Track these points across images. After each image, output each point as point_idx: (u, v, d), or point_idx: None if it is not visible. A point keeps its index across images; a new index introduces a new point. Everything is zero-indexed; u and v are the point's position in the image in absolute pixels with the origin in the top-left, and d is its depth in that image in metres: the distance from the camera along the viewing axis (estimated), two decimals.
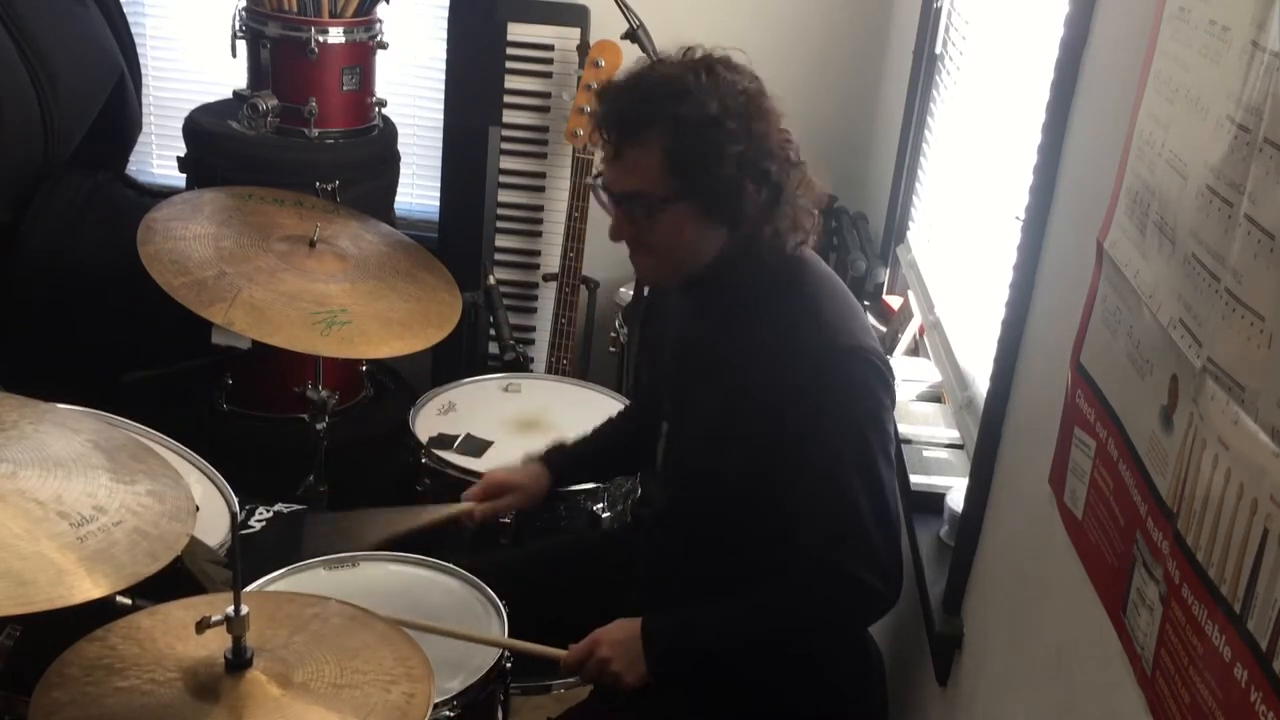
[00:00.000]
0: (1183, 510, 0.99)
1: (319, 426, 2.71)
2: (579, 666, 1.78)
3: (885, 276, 2.88)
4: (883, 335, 2.66)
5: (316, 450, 2.73)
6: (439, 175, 3.48)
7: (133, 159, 3.54)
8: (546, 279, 3.42)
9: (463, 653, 1.77)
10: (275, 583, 1.89)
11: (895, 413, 2.20)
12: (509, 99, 3.35)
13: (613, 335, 3.21)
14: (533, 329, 3.51)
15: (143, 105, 3.49)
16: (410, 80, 3.54)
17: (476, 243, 3.38)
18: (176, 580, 1.66)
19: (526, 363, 3.14)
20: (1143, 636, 1.05)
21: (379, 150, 3.21)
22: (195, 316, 2.26)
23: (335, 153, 3.06)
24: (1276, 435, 0.84)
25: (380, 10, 3.11)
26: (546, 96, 3.37)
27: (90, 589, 1.33)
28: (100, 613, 1.50)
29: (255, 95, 2.99)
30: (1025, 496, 1.52)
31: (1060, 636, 1.35)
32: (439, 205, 3.50)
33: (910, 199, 2.83)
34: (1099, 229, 1.29)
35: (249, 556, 1.74)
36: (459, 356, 3.02)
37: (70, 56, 3.04)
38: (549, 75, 3.35)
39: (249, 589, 1.79)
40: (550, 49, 3.33)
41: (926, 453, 2.12)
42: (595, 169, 1.87)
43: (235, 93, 3.09)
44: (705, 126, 1.68)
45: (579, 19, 3.28)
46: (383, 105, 3.21)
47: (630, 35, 2.98)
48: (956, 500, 1.83)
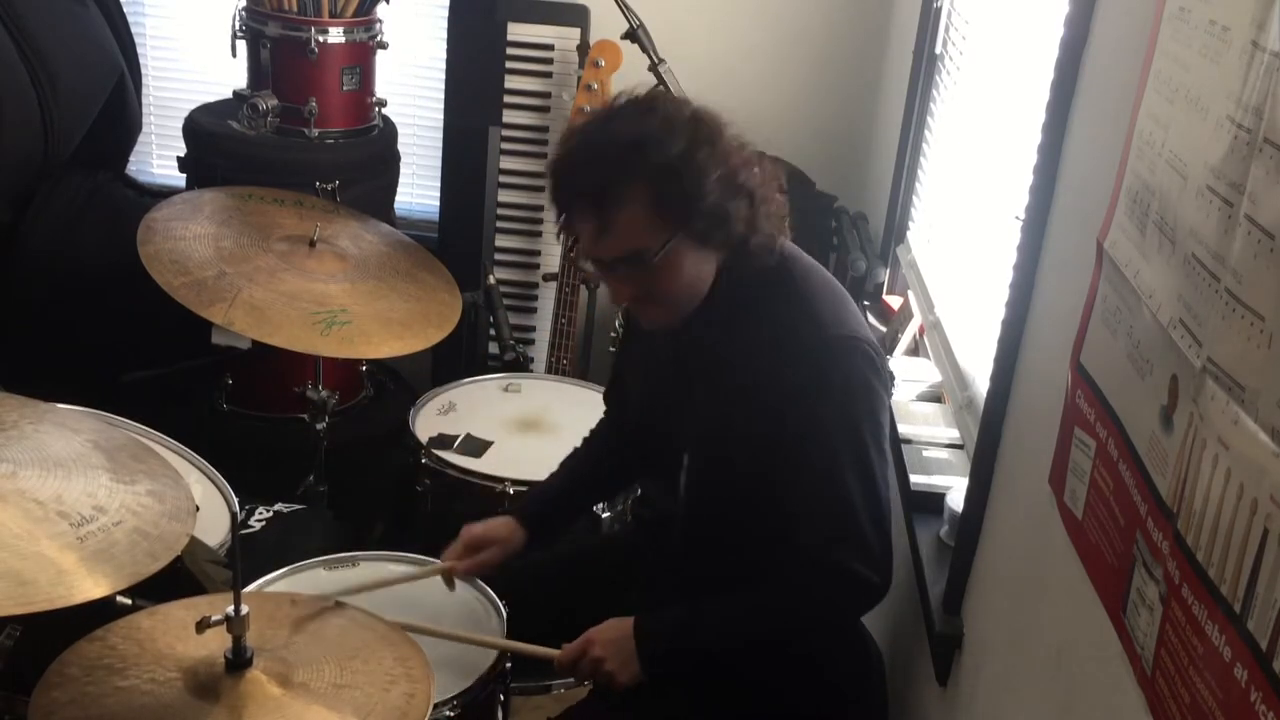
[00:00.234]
0: (1183, 510, 0.99)
1: (319, 426, 2.71)
2: (573, 666, 1.77)
3: (885, 276, 2.88)
4: (883, 335, 2.66)
5: (316, 450, 2.73)
6: (439, 175, 3.48)
7: (133, 159, 3.54)
8: (546, 279, 3.41)
9: (463, 653, 1.77)
10: (275, 583, 1.89)
11: (895, 412, 2.21)
12: (509, 99, 3.35)
13: (613, 335, 3.20)
14: (533, 329, 3.51)
15: (143, 105, 3.49)
16: (410, 80, 3.54)
17: (476, 243, 3.38)
18: (176, 580, 1.66)
19: (526, 363, 3.14)
20: (1143, 636, 1.05)
21: (379, 150, 3.21)
22: (195, 316, 2.26)
23: (335, 153, 3.06)
24: (1276, 435, 0.84)
25: (380, 10, 3.11)
26: (546, 96, 3.37)
27: (90, 589, 1.33)
28: (100, 613, 1.50)
29: (255, 95, 2.99)
30: (1025, 496, 1.52)
31: (1060, 636, 1.35)
32: (439, 205, 3.50)
33: (910, 199, 2.83)
34: (1099, 229, 1.29)
35: (249, 556, 1.74)
36: (459, 356, 3.02)
37: (70, 56, 3.04)
38: (549, 75, 3.35)
39: (249, 589, 1.79)
40: (550, 49, 3.33)
41: (926, 453, 2.12)
42: (574, 244, 1.81)
43: (235, 93, 3.09)
44: (679, 164, 1.65)
45: (579, 19, 3.29)
46: (383, 105, 3.21)
47: (630, 35, 2.98)
48: (956, 500, 1.83)
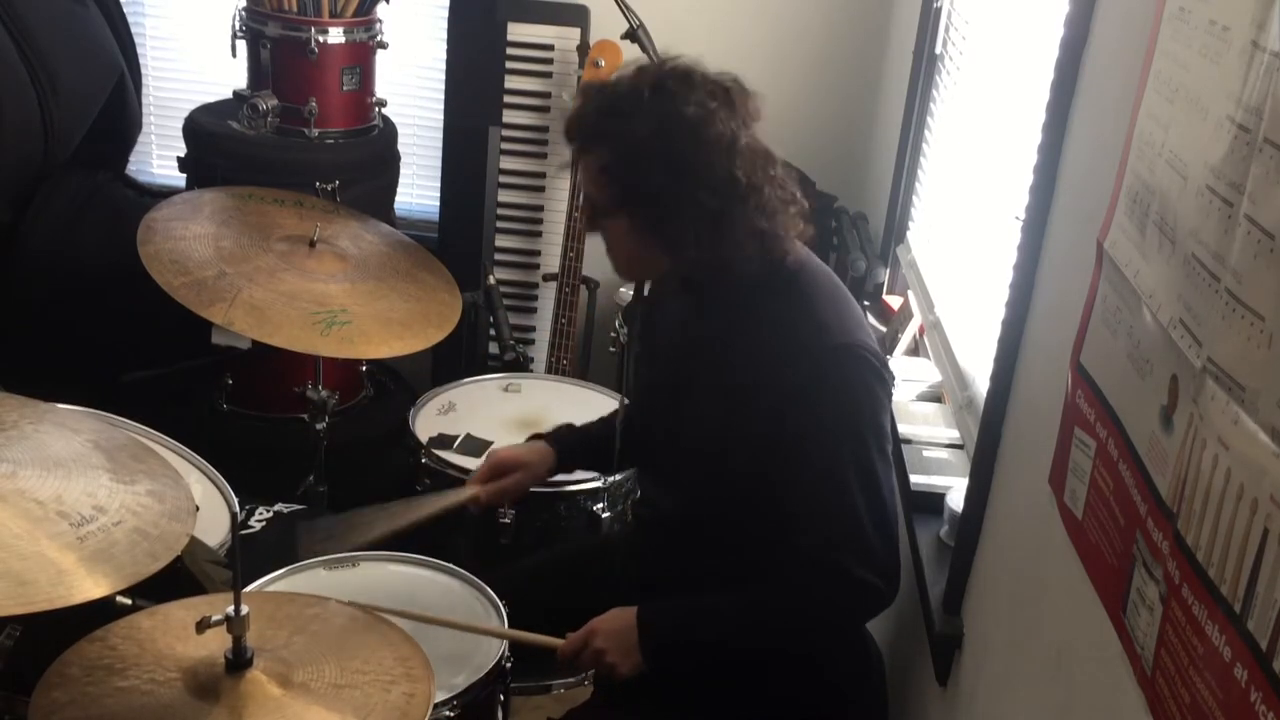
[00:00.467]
0: (1183, 510, 0.99)
1: (319, 426, 2.71)
2: (575, 656, 1.77)
3: (885, 276, 2.88)
4: (883, 335, 2.66)
5: (316, 450, 2.73)
6: (439, 175, 3.48)
7: (133, 159, 3.54)
8: (546, 279, 3.42)
9: (463, 652, 1.78)
10: (275, 583, 1.89)
11: (895, 412, 2.21)
12: (509, 99, 3.35)
13: (613, 335, 3.21)
14: (533, 329, 3.51)
15: (143, 105, 3.49)
16: (410, 80, 3.54)
17: (476, 243, 3.38)
18: (176, 580, 1.66)
19: (526, 363, 3.14)
20: (1143, 636, 1.05)
21: (379, 150, 3.21)
22: (195, 316, 2.26)
23: (335, 153, 3.06)
24: (1276, 435, 0.84)
25: (380, 10, 3.11)
26: (546, 96, 3.37)
27: (90, 589, 1.33)
28: (100, 613, 1.50)
29: (255, 95, 2.98)
30: (1025, 496, 1.52)
31: (1060, 636, 1.35)
32: (439, 205, 3.50)
33: (910, 199, 2.83)
34: (1099, 229, 1.29)
35: (249, 556, 1.74)
36: (459, 356, 3.02)
37: (70, 56, 3.04)
38: (549, 75, 3.35)
39: (249, 589, 1.79)
40: (550, 49, 3.33)
41: (926, 453, 2.12)
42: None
43: (235, 93, 3.09)
44: (634, 151, 1.72)
45: (579, 19, 3.29)
46: (383, 105, 3.20)
47: (630, 35, 2.98)
48: (956, 500, 1.83)
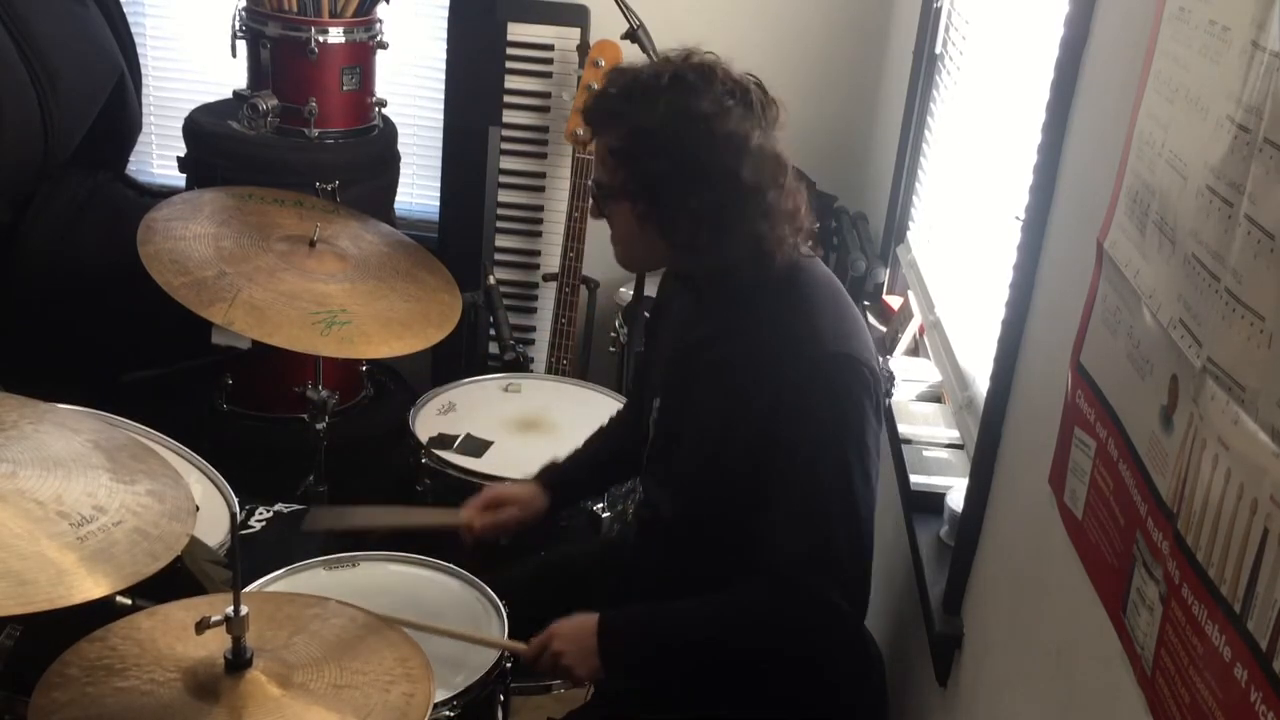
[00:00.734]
0: (1183, 510, 0.99)
1: (319, 426, 2.71)
2: (535, 658, 1.77)
3: (885, 276, 2.88)
4: (883, 335, 2.66)
5: (316, 450, 2.73)
6: (439, 175, 3.48)
7: (133, 159, 3.54)
8: (546, 279, 3.42)
9: (462, 652, 1.78)
10: (275, 583, 1.89)
11: (895, 412, 2.21)
12: (509, 99, 3.35)
13: (613, 335, 3.21)
14: (533, 329, 3.51)
15: (143, 105, 3.49)
16: (410, 80, 3.54)
17: (476, 243, 3.38)
18: (176, 580, 1.66)
19: (526, 363, 3.14)
20: (1143, 636, 1.05)
21: (379, 150, 3.21)
22: (195, 316, 2.26)
23: (335, 153, 3.06)
24: (1276, 435, 0.84)
25: (380, 10, 3.11)
26: (546, 96, 3.37)
27: (90, 589, 1.33)
28: (100, 613, 1.50)
29: (255, 95, 2.98)
30: (1025, 496, 1.52)
31: (1060, 636, 1.35)
32: (439, 205, 3.50)
33: (910, 199, 2.83)
34: (1099, 229, 1.29)
35: (249, 556, 1.74)
36: (459, 356, 3.02)
37: (70, 56, 3.04)
38: (549, 75, 3.35)
39: (249, 589, 1.79)
40: (550, 49, 3.33)
41: (926, 453, 2.11)
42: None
43: (235, 93, 3.09)
44: (644, 138, 1.72)
45: (579, 19, 3.28)
46: (383, 105, 3.21)
47: (630, 35, 2.98)
48: (956, 500, 1.83)
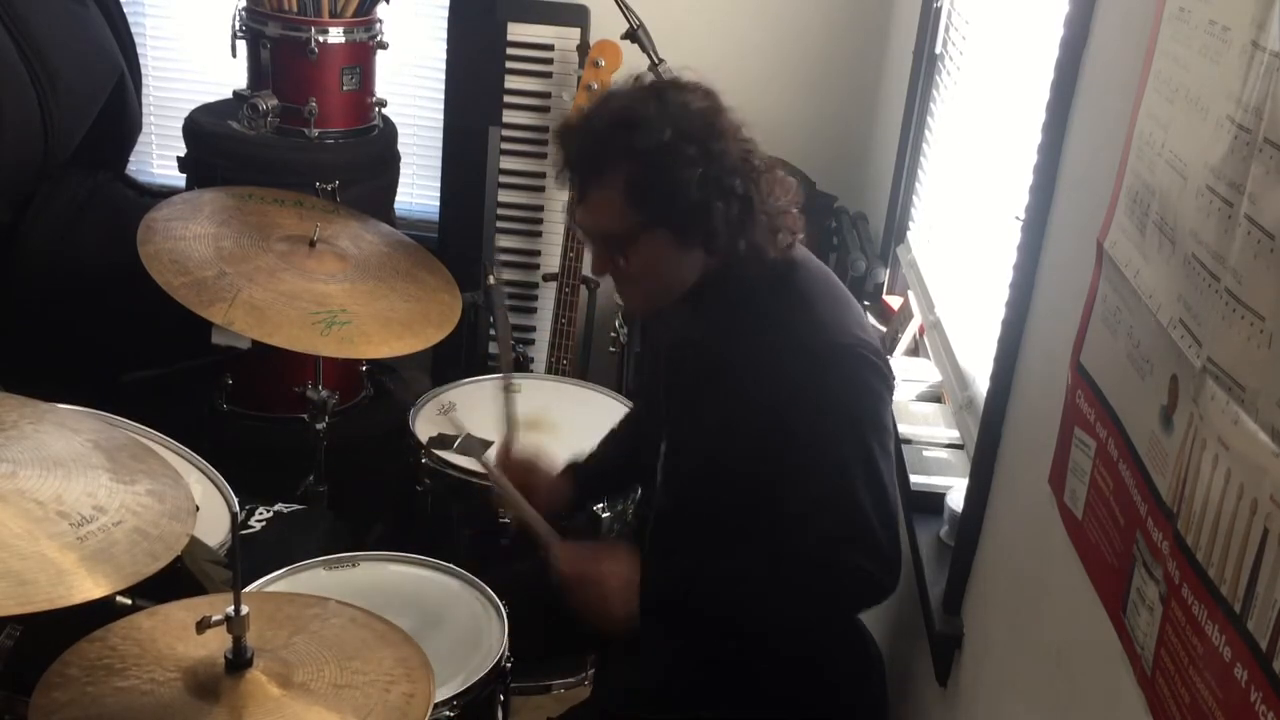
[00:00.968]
0: (1183, 510, 0.99)
1: (319, 426, 2.71)
2: (574, 575, 1.78)
3: (885, 276, 2.88)
4: (883, 335, 2.66)
5: (316, 450, 2.73)
6: (439, 175, 3.48)
7: (133, 159, 3.54)
8: (546, 279, 3.42)
9: (463, 652, 1.78)
10: (275, 583, 1.89)
11: (895, 412, 2.20)
12: (509, 99, 3.35)
13: (613, 335, 3.21)
14: (533, 329, 3.51)
15: (143, 105, 3.49)
16: (410, 80, 3.54)
17: (476, 243, 3.38)
18: (176, 580, 1.66)
19: (526, 363, 3.14)
20: (1143, 636, 1.05)
21: (379, 150, 3.21)
22: (195, 316, 2.26)
23: (335, 153, 3.06)
24: (1276, 435, 0.84)
25: (380, 10, 3.11)
26: (546, 96, 3.37)
27: (90, 589, 1.33)
28: (100, 613, 1.49)
29: (255, 95, 2.98)
30: (1025, 496, 1.52)
31: (1060, 636, 1.35)
32: (439, 205, 3.50)
33: (910, 199, 2.83)
34: (1099, 229, 1.29)
35: (249, 556, 1.74)
36: (459, 356, 3.02)
37: (70, 56, 3.04)
38: (549, 75, 3.35)
39: (249, 589, 1.79)
40: (550, 49, 3.33)
41: (926, 453, 2.12)
42: (569, 207, 1.87)
43: (235, 93, 3.09)
44: (661, 154, 1.67)
45: (579, 19, 3.28)
46: (383, 105, 3.20)
47: (630, 35, 2.98)
48: (956, 500, 1.83)
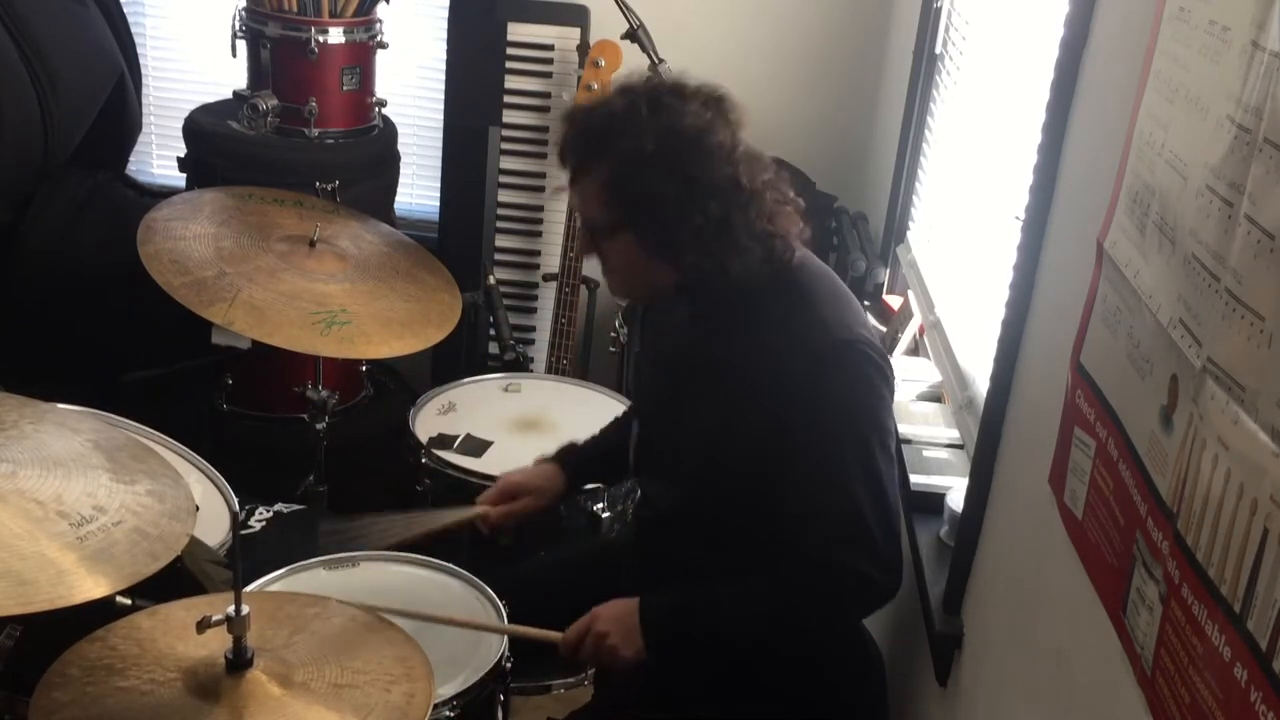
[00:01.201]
0: (1183, 510, 0.99)
1: (319, 426, 2.71)
2: (578, 643, 1.78)
3: (885, 276, 2.88)
4: (883, 335, 2.66)
5: (316, 450, 2.73)
6: (439, 175, 3.48)
7: (133, 159, 3.54)
8: (546, 279, 3.42)
9: (463, 652, 1.78)
10: (275, 583, 1.89)
11: (895, 411, 2.20)
12: (509, 99, 3.35)
13: (613, 335, 3.21)
14: (533, 329, 3.51)
15: (143, 105, 3.49)
16: (410, 80, 3.54)
17: (476, 243, 3.38)
18: (176, 580, 1.66)
19: (526, 363, 3.14)
20: (1143, 636, 1.05)
21: (379, 150, 3.21)
22: (195, 316, 2.26)
23: (335, 153, 3.06)
24: (1276, 435, 0.84)
25: (380, 10, 3.11)
26: (546, 96, 3.37)
27: (90, 589, 1.33)
28: (100, 613, 1.49)
29: (255, 95, 2.98)
30: (1025, 496, 1.52)
31: (1060, 636, 1.35)
32: (439, 205, 3.50)
33: (910, 199, 2.83)
34: (1099, 229, 1.29)
35: (249, 556, 1.74)
36: (459, 356, 3.02)
37: (70, 56, 3.04)
38: (549, 75, 3.35)
39: (249, 589, 1.79)
40: (550, 49, 3.33)
41: (926, 453, 2.12)
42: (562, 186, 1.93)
43: (235, 93, 3.09)
44: (639, 165, 1.70)
45: (579, 19, 3.28)
46: (383, 105, 3.20)
47: (630, 35, 2.98)
48: (956, 500, 1.83)
